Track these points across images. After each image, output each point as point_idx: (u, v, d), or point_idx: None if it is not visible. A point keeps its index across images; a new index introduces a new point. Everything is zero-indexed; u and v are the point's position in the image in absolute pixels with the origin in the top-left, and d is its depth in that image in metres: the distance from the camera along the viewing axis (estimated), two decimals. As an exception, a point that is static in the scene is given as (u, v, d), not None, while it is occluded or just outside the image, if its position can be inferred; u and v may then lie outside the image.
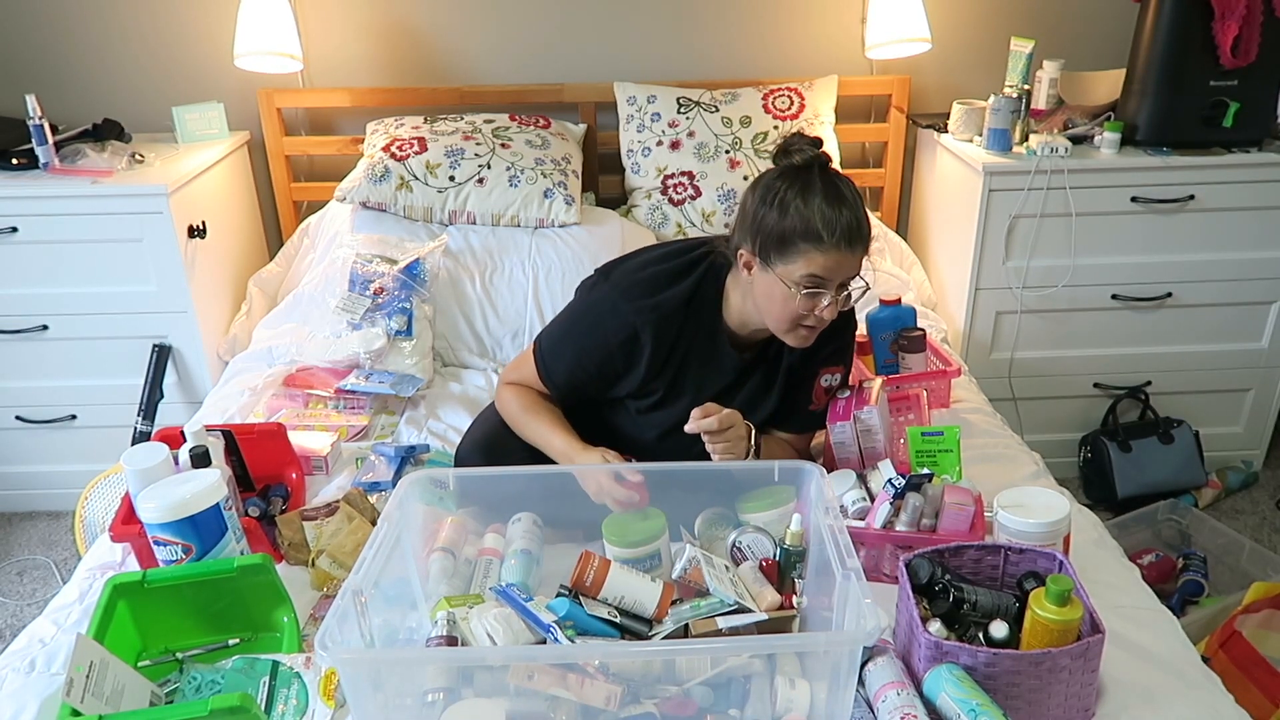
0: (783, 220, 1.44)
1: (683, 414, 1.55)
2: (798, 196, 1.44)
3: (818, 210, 1.42)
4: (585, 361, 1.62)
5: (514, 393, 1.70)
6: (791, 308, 1.48)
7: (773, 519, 1.44)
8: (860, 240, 1.46)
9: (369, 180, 2.47)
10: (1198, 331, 2.59)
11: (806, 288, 1.45)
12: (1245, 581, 2.10)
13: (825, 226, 1.42)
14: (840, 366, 1.70)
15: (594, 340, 1.61)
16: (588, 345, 1.62)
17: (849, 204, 1.44)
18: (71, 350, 2.48)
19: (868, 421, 1.68)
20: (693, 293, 1.59)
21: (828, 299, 1.47)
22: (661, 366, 1.61)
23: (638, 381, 1.62)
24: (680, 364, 1.62)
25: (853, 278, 1.49)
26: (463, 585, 1.43)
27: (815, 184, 1.44)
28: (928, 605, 1.32)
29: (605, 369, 1.62)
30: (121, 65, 2.71)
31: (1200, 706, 1.28)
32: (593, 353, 1.61)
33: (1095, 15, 2.74)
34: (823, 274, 1.44)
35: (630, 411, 1.70)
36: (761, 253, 1.48)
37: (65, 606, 1.53)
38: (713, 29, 2.74)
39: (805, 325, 1.51)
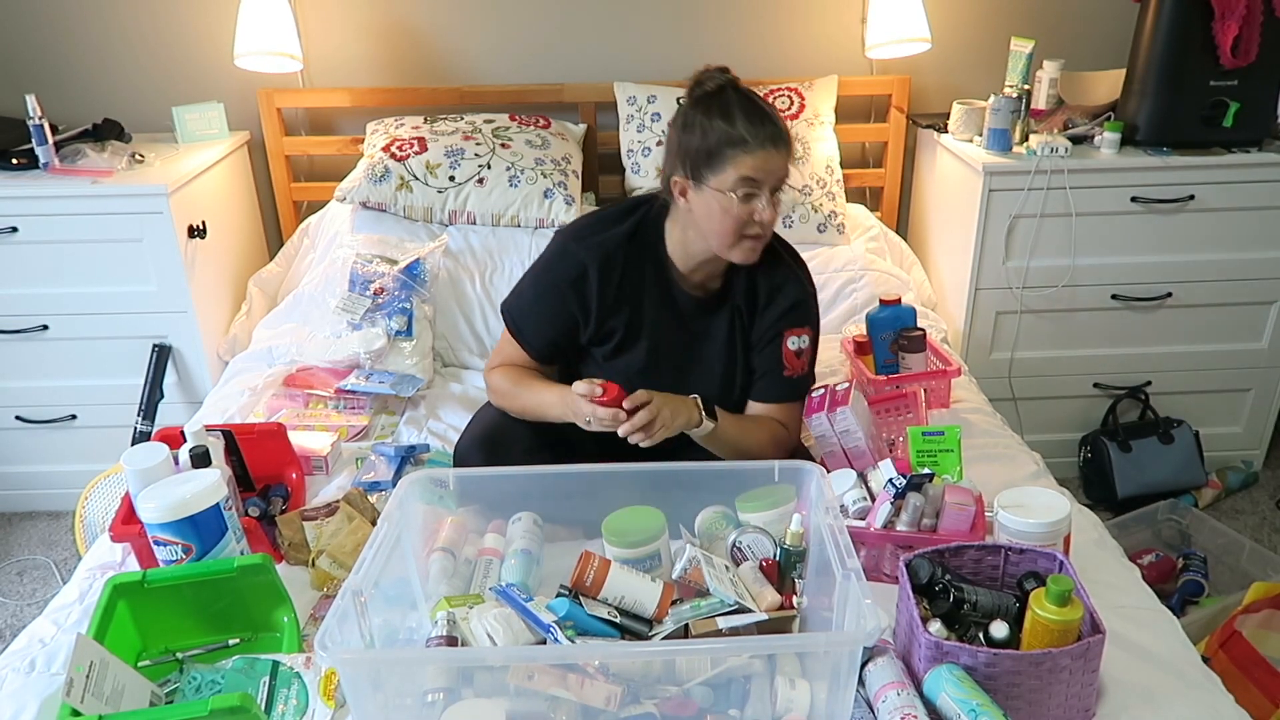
0: (707, 137, 1.53)
1: (644, 358, 1.69)
2: (717, 114, 1.53)
3: (738, 119, 1.52)
4: (546, 308, 1.71)
5: (500, 374, 1.76)
6: (731, 217, 1.55)
7: (773, 519, 1.44)
8: (783, 141, 1.54)
9: (369, 180, 2.47)
10: (1198, 331, 2.59)
11: (742, 194, 1.53)
12: (1245, 581, 2.10)
13: (748, 131, 1.51)
14: (806, 328, 1.74)
15: (549, 284, 1.70)
16: (545, 291, 1.71)
17: (766, 111, 1.54)
18: (71, 350, 2.48)
19: (843, 423, 1.70)
20: (634, 230, 1.68)
21: (763, 201, 1.55)
22: (613, 302, 1.68)
23: (595, 321, 1.69)
24: (633, 303, 1.69)
25: (783, 181, 1.57)
26: (462, 585, 1.43)
27: (731, 100, 1.54)
28: (928, 605, 1.32)
29: (564, 312, 1.69)
30: (121, 65, 2.71)
31: (1200, 707, 1.28)
32: (551, 297, 1.70)
33: (1095, 15, 2.74)
34: (753, 174, 1.52)
35: (599, 362, 1.75)
36: (693, 173, 1.56)
37: (65, 606, 1.53)
38: (713, 29, 2.74)
39: (748, 235, 1.58)
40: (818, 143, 2.60)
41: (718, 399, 1.69)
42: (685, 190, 1.59)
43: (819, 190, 2.56)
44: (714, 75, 1.56)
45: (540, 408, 1.68)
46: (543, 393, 1.68)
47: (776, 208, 1.57)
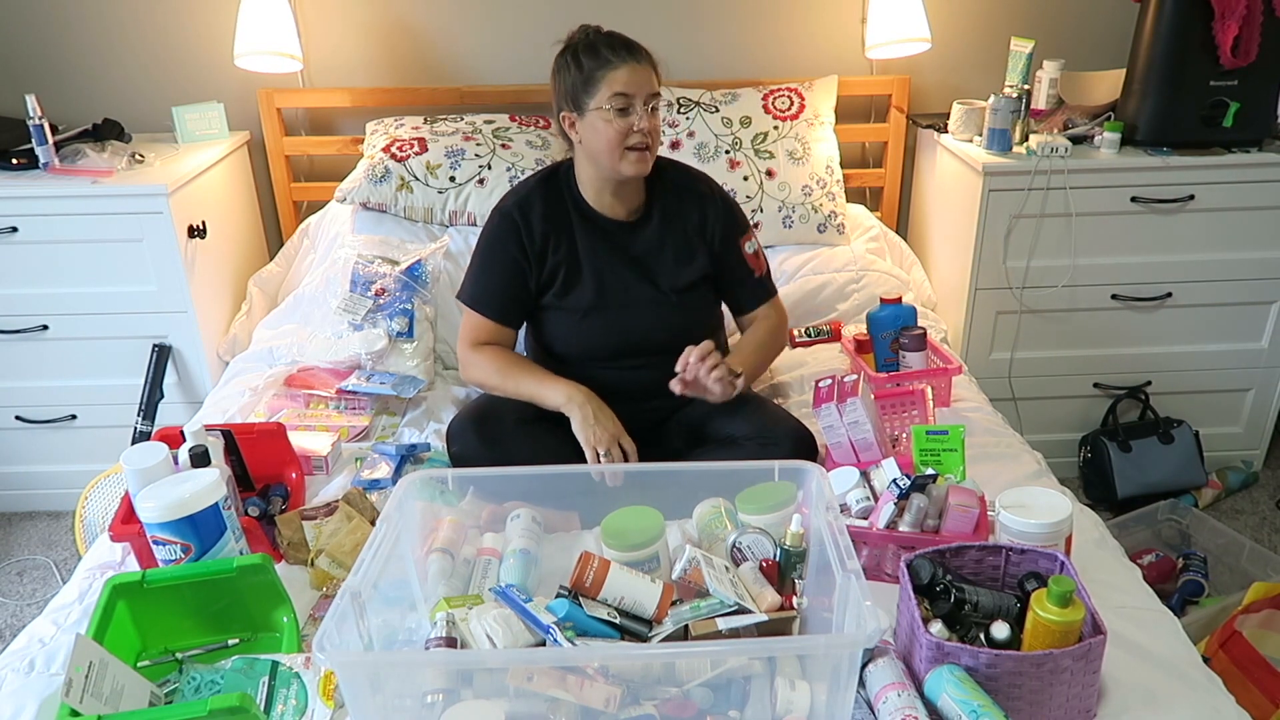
0: (579, 69, 1.74)
1: (592, 290, 1.85)
2: (583, 50, 1.74)
3: (602, 49, 1.73)
4: (494, 270, 1.87)
5: (480, 359, 1.87)
6: (613, 130, 1.72)
7: (773, 520, 1.44)
8: (646, 56, 1.75)
9: (369, 181, 2.46)
10: (1198, 331, 2.59)
11: (618, 106, 1.71)
12: (1245, 581, 2.10)
13: (611, 54, 1.72)
14: (749, 232, 1.96)
15: (489, 247, 1.88)
16: (490, 254, 1.88)
17: (624, 38, 1.76)
18: (71, 350, 2.48)
19: (852, 414, 1.71)
20: (546, 176, 1.90)
21: (638, 111, 1.72)
22: (545, 239, 1.85)
23: (535, 260, 1.85)
24: (566, 236, 1.86)
25: (654, 95, 1.75)
26: (461, 586, 1.43)
27: (595, 39, 1.76)
28: (929, 606, 1.32)
29: (511, 265, 1.86)
30: (121, 65, 2.71)
31: (1201, 707, 1.28)
32: (496, 256, 1.87)
33: (1095, 15, 2.74)
34: (624, 89, 1.71)
35: (555, 311, 1.89)
36: (575, 104, 1.75)
37: (65, 606, 1.53)
38: (713, 29, 2.74)
39: (632, 147, 1.74)
40: (818, 143, 2.60)
41: (665, 306, 1.88)
42: (574, 123, 1.78)
43: (819, 190, 2.56)
44: (580, 30, 1.79)
45: (535, 398, 1.80)
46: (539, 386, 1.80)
47: (654, 118, 1.75)
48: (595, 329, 1.87)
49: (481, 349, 1.88)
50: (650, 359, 1.83)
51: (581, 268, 1.86)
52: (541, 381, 1.79)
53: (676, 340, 1.75)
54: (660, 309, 1.87)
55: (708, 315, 1.97)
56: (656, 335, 1.86)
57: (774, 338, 1.97)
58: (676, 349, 1.72)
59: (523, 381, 1.81)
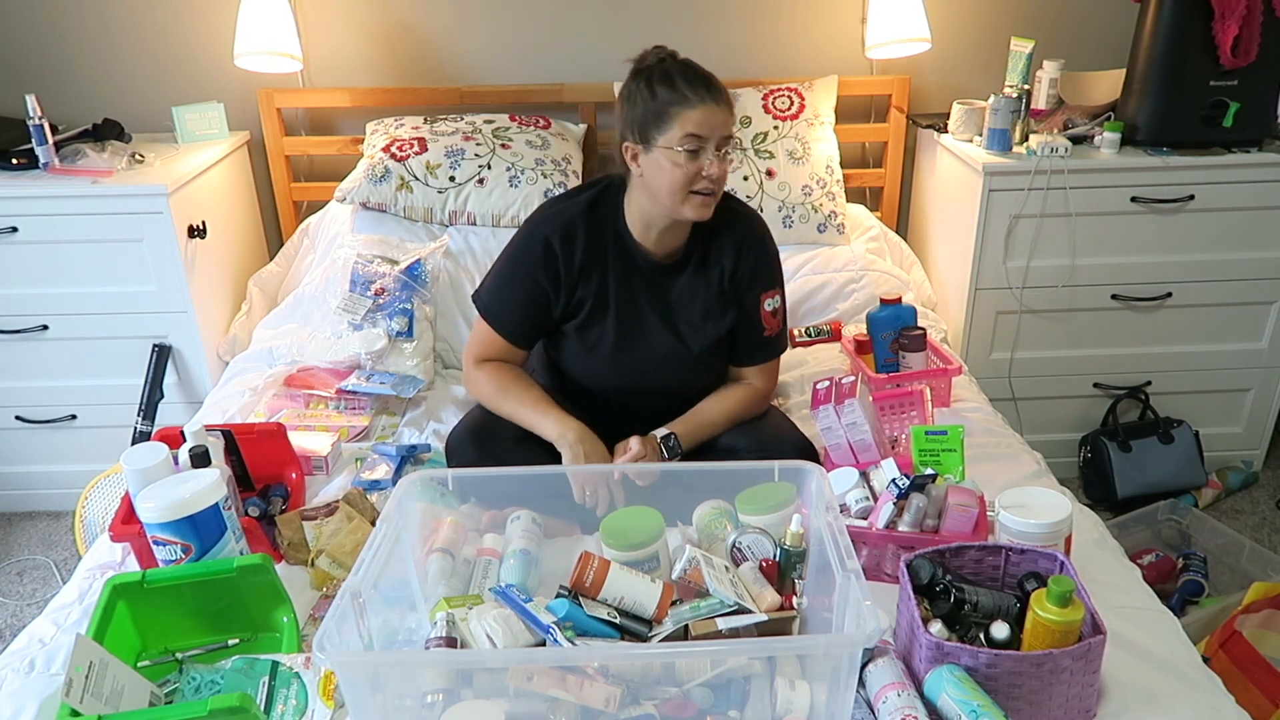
0: (653, 101, 1.62)
1: (614, 329, 1.76)
2: (659, 80, 1.62)
3: (679, 82, 1.61)
4: (519, 291, 1.76)
5: (484, 377, 1.79)
6: (680, 173, 1.61)
7: (773, 520, 1.43)
8: (724, 96, 1.63)
9: (369, 180, 2.47)
10: (1198, 331, 2.59)
11: (688, 148, 1.60)
12: (1245, 581, 2.10)
13: (689, 90, 1.60)
14: (777, 289, 1.84)
15: (518, 265, 1.76)
16: (515, 273, 1.77)
17: (704, 73, 1.64)
18: (71, 350, 2.48)
19: (850, 416, 1.71)
20: (593, 201, 1.76)
21: (709, 155, 1.62)
22: (579, 270, 1.74)
23: (565, 292, 1.75)
24: (599, 272, 1.75)
25: (728, 137, 1.64)
26: (461, 586, 1.43)
27: (671, 67, 1.64)
28: (929, 606, 1.32)
29: (536, 291, 1.75)
30: (121, 65, 2.71)
31: (1201, 707, 1.28)
32: (523, 278, 1.76)
33: (1095, 15, 2.74)
34: (698, 130, 1.59)
35: (571, 339, 1.80)
36: (642, 137, 1.64)
37: (65, 606, 1.53)
38: (713, 29, 2.74)
39: (697, 191, 1.64)
40: (818, 143, 2.60)
41: (685, 360, 1.80)
42: (636, 155, 1.66)
43: (819, 190, 2.56)
44: (655, 52, 1.67)
45: (530, 425, 1.73)
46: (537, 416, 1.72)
47: (724, 163, 1.64)
48: (607, 367, 1.80)
49: (487, 365, 1.81)
50: (656, 398, 1.81)
51: (609, 306, 1.77)
52: (539, 411, 1.72)
53: (687, 388, 1.81)
54: (678, 363, 1.80)
55: (722, 369, 1.89)
56: (667, 383, 1.82)
57: (746, 410, 1.83)
58: (686, 394, 1.79)
59: (521, 407, 1.74)
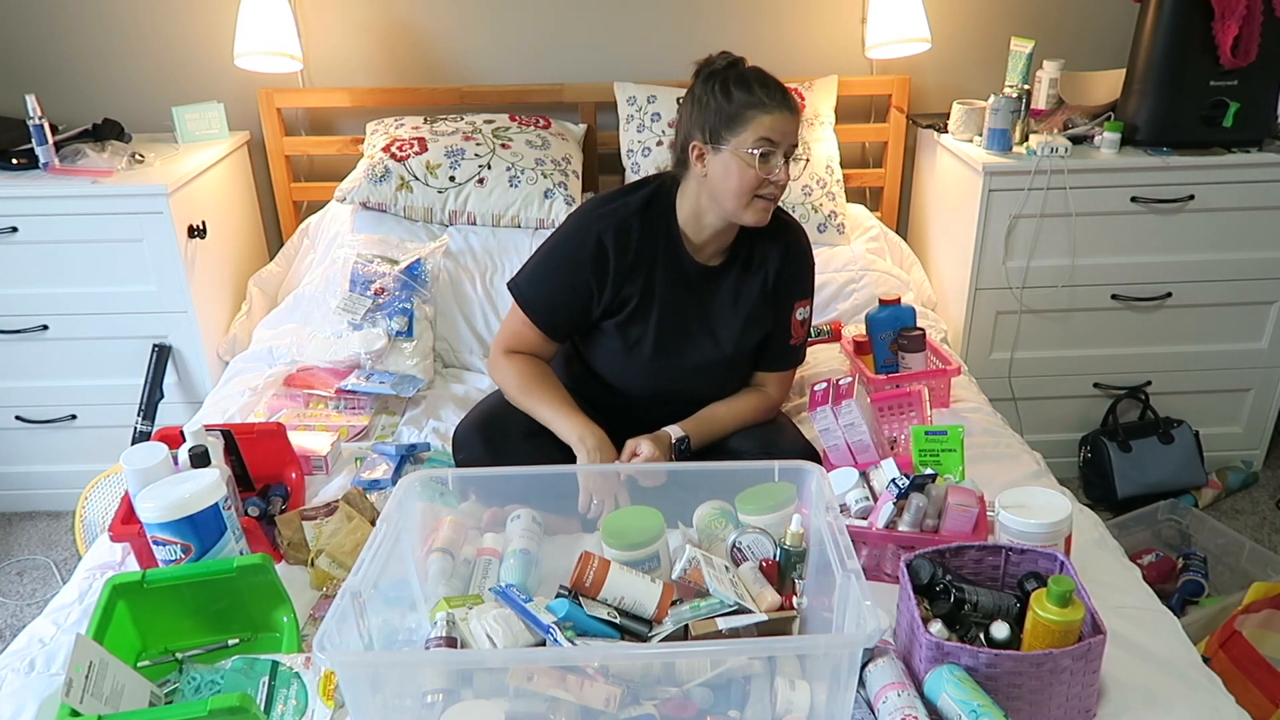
0: (728, 101, 1.62)
1: (655, 328, 1.75)
2: (734, 82, 1.63)
3: (756, 87, 1.62)
4: (562, 284, 1.75)
5: (510, 368, 1.78)
6: (749, 176, 1.62)
7: (773, 522, 1.43)
8: (794, 105, 1.65)
9: (369, 180, 2.47)
10: (1198, 331, 2.59)
11: (761, 150, 1.61)
12: (1245, 581, 2.10)
13: (765, 95, 1.61)
14: (807, 300, 1.87)
15: (565, 258, 1.75)
16: (561, 266, 1.75)
17: (776, 81, 1.64)
18: (71, 350, 2.48)
19: (848, 416, 1.72)
20: (647, 200, 1.75)
21: (779, 161, 1.63)
22: (629, 270, 1.73)
23: (611, 290, 1.74)
24: (647, 270, 1.75)
25: (795, 146, 1.66)
26: (461, 586, 1.43)
27: (746, 72, 1.65)
28: (929, 606, 1.32)
29: (580, 287, 1.74)
30: (121, 65, 2.71)
31: (1201, 707, 1.28)
32: (567, 271, 1.74)
33: (1095, 15, 2.74)
34: (771, 135, 1.61)
35: (610, 336, 1.79)
36: (712, 137, 1.64)
37: (65, 606, 1.53)
38: (713, 29, 2.74)
39: (761, 195, 1.65)
40: (818, 143, 2.60)
41: (720, 366, 1.80)
42: (703, 155, 1.66)
43: (819, 190, 2.56)
44: (723, 56, 1.67)
45: (549, 424, 1.72)
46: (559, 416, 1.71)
47: (789, 171, 1.65)
48: (644, 369, 1.79)
49: (515, 357, 1.80)
50: (682, 406, 1.79)
51: (653, 307, 1.76)
52: (559, 411, 1.71)
53: (714, 395, 1.82)
54: (713, 368, 1.81)
55: (750, 375, 1.90)
56: (698, 387, 1.82)
57: (756, 417, 1.85)
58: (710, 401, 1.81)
59: (541, 404, 1.73)
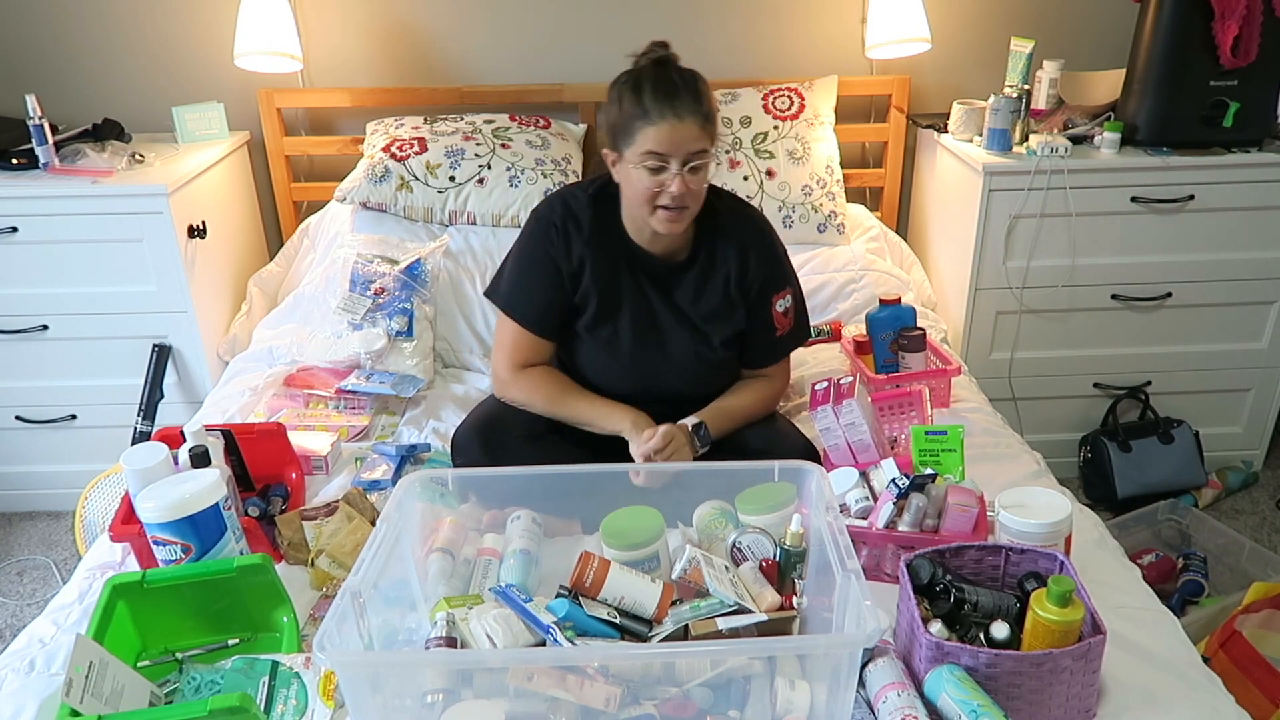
0: (621, 111, 1.61)
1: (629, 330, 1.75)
2: (629, 89, 1.60)
3: (646, 94, 1.58)
4: (537, 278, 1.75)
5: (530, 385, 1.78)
6: (643, 186, 1.60)
7: (773, 522, 1.43)
8: (689, 112, 1.57)
9: (369, 180, 2.47)
10: (1198, 331, 2.59)
11: (649, 165, 1.58)
12: (1245, 581, 2.10)
13: (652, 104, 1.57)
14: (787, 289, 1.82)
15: (529, 252, 1.76)
16: (533, 261, 1.76)
17: (675, 85, 1.59)
18: (71, 350, 2.48)
19: (849, 416, 1.71)
20: (597, 192, 1.76)
21: (671, 173, 1.59)
22: (583, 254, 1.73)
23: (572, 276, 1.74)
24: (608, 265, 1.74)
25: (696, 153, 1.59)
26: (461, 586, 1.43)
27: (645, 75, 1.61)
28: (929, 606, 1.32)
29: (552, 276, 1.74)
30: (121, 65, 2.71)
31: (1201, 707, 1.28)
32: (539, 264, 1.75)
33: (1095, 15, 2.74)
34: (657, 148, 1.57)
35: (584, 340, 1.79)
36: (615, 146, 1.64)
37: (65, 606, 1.53)
38: (713, 29, 2.74)
39: (661, 205, 1.62)
40: (818, 143, 2.60)
41: (706, 358, 1.79)
42: (615, 162, 1.67)
43: (819, 190, 2.56)
44: (650, 51, 1.64)
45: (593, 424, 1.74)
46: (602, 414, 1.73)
47: (693, 181, 1.61)
48: (629, 368, 1.79)
49: (527, 372, 1.78)
50: (671, 405, 1.76)
51: (620, 304, 1.76)
52: (597, 408, 1.73)
53: (706, 391, 1.80)
54: (700, 361, 1.79)
55: (737, 372, 1.87)
56: (687, 382, 1.81)
57: (765, 403, 1.83)
58: (700, 399, 1.78)
59: (578, 408, 1.74)
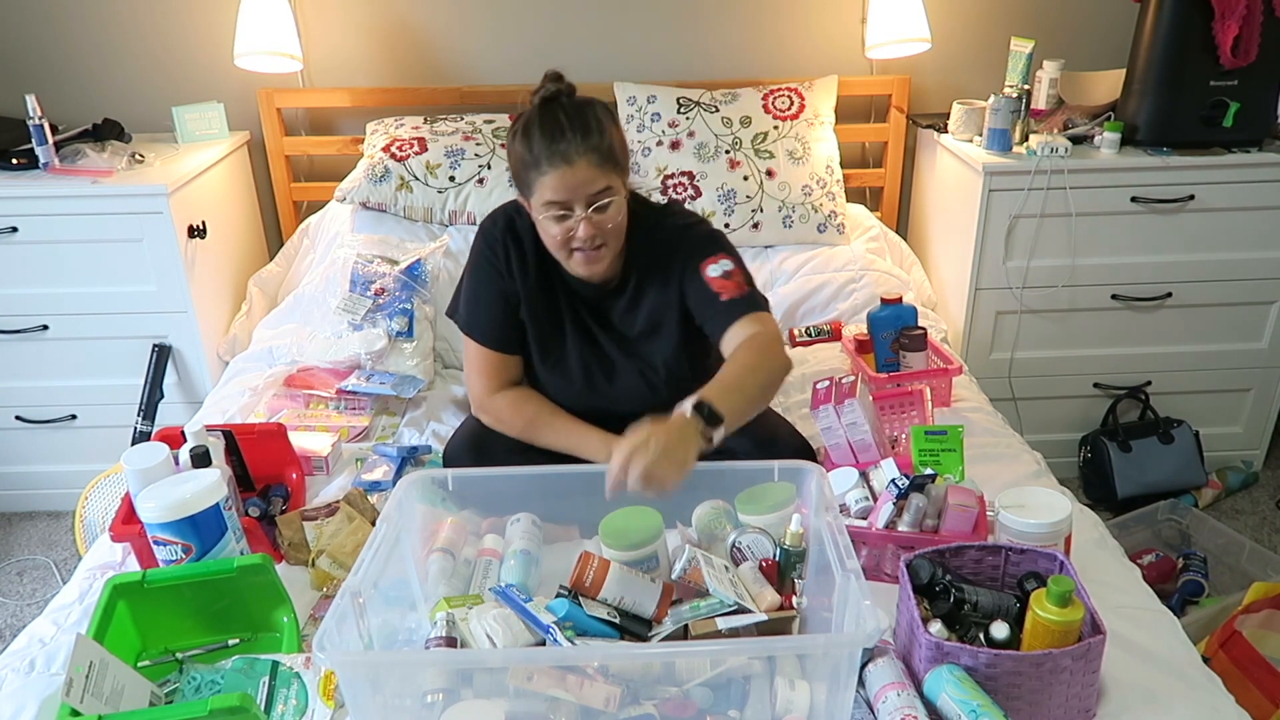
0: (514, 158, 1.54)
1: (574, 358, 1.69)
2: (520, 134, 1.52)
3: (534, 140, 1.50)
4: (493, 294, 1.69)
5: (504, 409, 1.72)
6: (552, 234, 1.54)
7: (773, 522, 1.44)
8: (580, 154, 1.48)
9: (369, 180, 2.47)
10: (1198, 331, 2.59)
11: (553, 214, 1.51)
12: (1245, 581, 2.10)
13: (541, 152, 1.48)
14: (715, 254, 1.62)
15: (485, 272, 1.69)
16: (486, 278, 1.69)
17: (559, 125, 1.49)
18: (71, 350, 2.48)
19: (850, 415, 1.71)
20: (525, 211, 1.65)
21: (576, 219, 1.51)
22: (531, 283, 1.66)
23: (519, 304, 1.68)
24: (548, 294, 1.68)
25: (599, 194, 1.50)
26: (461, 586, 1.43)
27: (533, 119, 1.51)
28: (928, 606, 1.32)
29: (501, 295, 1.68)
30: (121, 65, 2.71)
31: (1201, 707, 1.28)
32: (493, 281, 1.68)
33: (1095, 15, 2.74)
34: (555, 197, 1.49)
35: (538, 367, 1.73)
36: (522, 193, 1.57)
37: (65, 606, 1.53)
38: (713, 29, 2.74)
39: (574, 249, 1.55)
40: (818, 143, 2.60)
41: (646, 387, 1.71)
42: (528, 208, 1.59)
43: (819, 190, 2.56)
44: (541, 88, 1.54)
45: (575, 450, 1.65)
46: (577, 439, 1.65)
47: (602, 221, 1.52)
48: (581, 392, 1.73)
49: (499, 398, 1.73)
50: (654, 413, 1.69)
51: (565, 329, 1.70)
52: (574, 434, 1.67)
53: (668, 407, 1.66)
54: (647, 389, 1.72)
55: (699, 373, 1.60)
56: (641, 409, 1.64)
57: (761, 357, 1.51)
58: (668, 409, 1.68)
59: (557, 435, 1.68)
